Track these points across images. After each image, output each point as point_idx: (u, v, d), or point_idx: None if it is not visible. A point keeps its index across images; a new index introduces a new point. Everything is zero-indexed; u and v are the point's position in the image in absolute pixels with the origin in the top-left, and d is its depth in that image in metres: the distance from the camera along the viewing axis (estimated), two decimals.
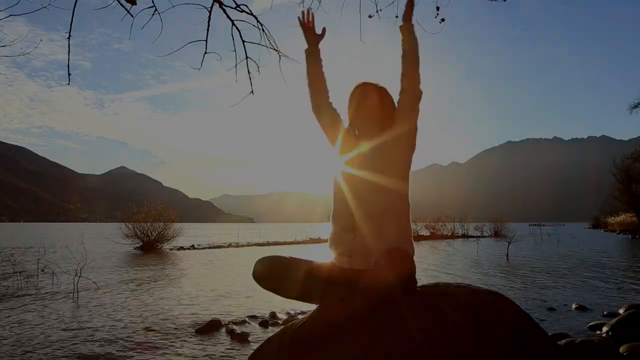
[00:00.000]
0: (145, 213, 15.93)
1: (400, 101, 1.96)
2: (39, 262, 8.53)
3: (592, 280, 7.44)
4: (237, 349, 3.54)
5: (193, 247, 16.99)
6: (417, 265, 1.80)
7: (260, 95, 3.39)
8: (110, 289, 6.62)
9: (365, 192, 1.89)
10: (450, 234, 28.16)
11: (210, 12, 3.07)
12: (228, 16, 3.18)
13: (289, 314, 4.80)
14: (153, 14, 2.87)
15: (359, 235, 1.86)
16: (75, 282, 6.46)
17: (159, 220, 16.23)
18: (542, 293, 6.13)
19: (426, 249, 15.96)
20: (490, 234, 28.40)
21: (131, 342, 3.69)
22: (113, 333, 3.99)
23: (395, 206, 1.90)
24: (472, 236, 27.14)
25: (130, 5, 2.68)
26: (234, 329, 4.12)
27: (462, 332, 1.81)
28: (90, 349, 3.51)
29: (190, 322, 4.41)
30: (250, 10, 3.17)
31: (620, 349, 3.17)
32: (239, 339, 3.79)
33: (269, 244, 19.80)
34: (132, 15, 2.72)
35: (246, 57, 3.31)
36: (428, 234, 27.01)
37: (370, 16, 3.22)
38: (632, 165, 32.41)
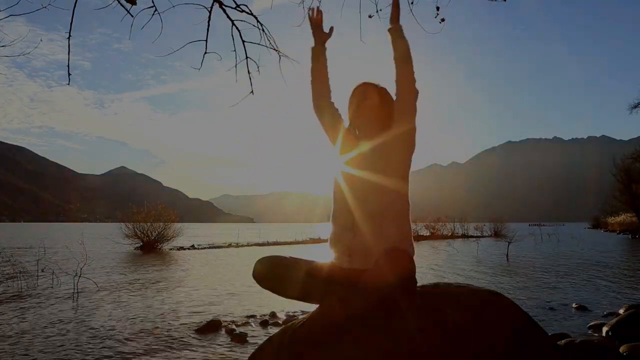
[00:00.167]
0: (145, 213, 15.93)
1: (397, 102, 1.96)
2: (39, 262, 8.54)
3: (592, 280, 7.44)
4: (237, 349, 3.54)
5: (193, 247, 16.99)
6: (417, 265, 1.80)
7: (260, 95, 3.39)
8: (110, 289, 6.62)
9: (365, 192, 1.89)
10: (450, 234, 28.16)
11: (210, 12, 3.07)
12: (228, 16, 3.18)
13: (289, 314, 4.80)
14: (153, 14, 2.87)
15: (359, 235, 1.86)
16: (75, 282, 6.46)
17: (159, 220, 16.23)
18: (542, 293, 6.13)
19: (426, 249, 15.97)
20: (490, 234, 28.42)
21: (131, 342, 3.69)
22: (113, 333, 3.99)
23: (395, 206, 1.90)
24: (472, 236, 27.13)
25: (130, 5, 2.68)
26: (234, 329, 4.12)
27: (462, 332, 1.81)
28: (90, 349, 3.51)
29: (190, 322, 4.41)
30: (250, 10, 3.17)
31: (620, 349, 3.16)
32: (238, 339, 3.79)
33: (269, 244, 19.79)
34: (132, 15, 2.73)
35: (246, 57, 3.31)
36: (428, 234, 27.00)
37: (370, 16, 3.22)
38: (632, 165, 32.42)
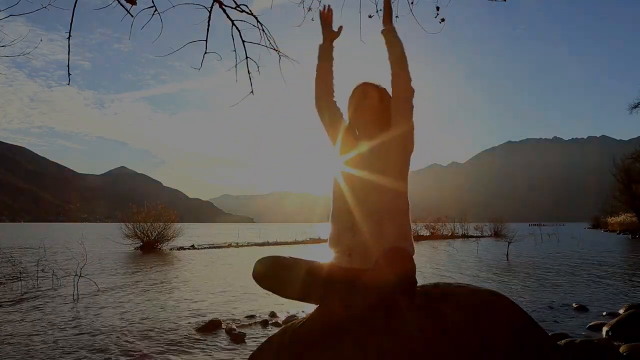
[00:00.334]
0: (145, 213, 15.93)
1: (394, 102, 1.96)
2: (39, 263, 8.53)
3: (592, 280, 7.44)
4: (237, 349, 3.54)
5: (193, 247, 16.98)
6: (417, 265, 1.80)
7: (260, 95, 3.40)
8: (110, 289, 6.62)
9: (365, 192, 1.89)
10: (450, 234, 28.15)
11: (210, 12, 3.07)
12: (228, 16, 3.19)
13: (289, 314, 4.80)
14: (153, 14, 2.87)
15: (358, 234, 1.86)
16: (76, 283, 6.46)
17: (159, 220, 16.23)
18: (542, 293, 6.13)
19: (426, 249, 15.96)
20: (490, 234, 28.41)
21: (131, 342, 3.69)
22: (113, 333, 3.99)
23: (395, 205, 1.90)
24: (472, 236, 27.13)
25: (130, 5, 2.68)
26: (234, 329, 4.12)
27: (462, 332, 1.81)
28: (90, 349, 3.51)
29: (190, 322, 4.41)
30: (250, 10, 3.17)
31: (620, 349, 3.16)
32: (238, 339, 3.79)
33: (269, 244, 19.78)
34: (132, 15, 2.73)
35: (246, 57, 3.32)
36: (428, 234, 26.99)
37: (370, 16, 3.22)
38: (632, 165, 32.41)
